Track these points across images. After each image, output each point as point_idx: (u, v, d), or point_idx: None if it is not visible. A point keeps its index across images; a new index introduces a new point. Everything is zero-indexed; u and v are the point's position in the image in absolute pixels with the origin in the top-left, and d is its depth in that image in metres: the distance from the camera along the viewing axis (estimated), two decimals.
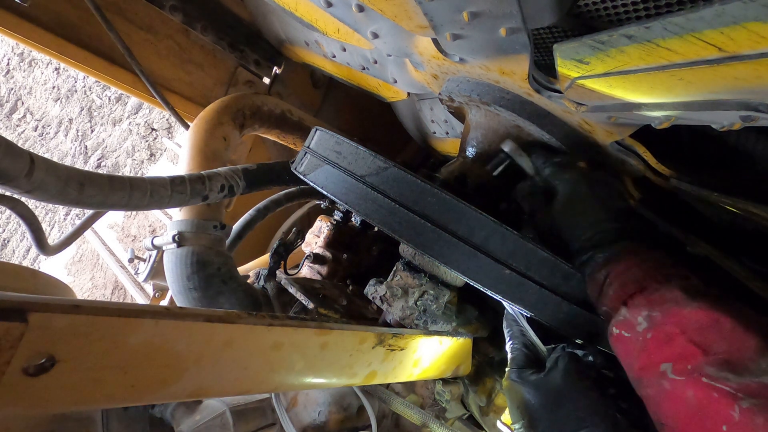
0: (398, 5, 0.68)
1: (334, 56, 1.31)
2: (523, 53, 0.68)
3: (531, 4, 0.59)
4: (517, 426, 0.69)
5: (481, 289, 0.70)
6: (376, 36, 0.87)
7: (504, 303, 0.76)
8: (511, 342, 0.80)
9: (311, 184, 0.80)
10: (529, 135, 0.89)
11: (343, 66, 1.34)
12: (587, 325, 0.72)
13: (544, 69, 0.76)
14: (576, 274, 0.72)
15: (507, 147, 0.89)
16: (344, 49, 1.23)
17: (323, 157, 0.80)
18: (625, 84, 0.60)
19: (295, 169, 0.86)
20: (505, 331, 0.82)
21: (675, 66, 0.51)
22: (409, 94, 1.24)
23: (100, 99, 6.78)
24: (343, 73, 1.41)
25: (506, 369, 0.77)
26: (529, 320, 0.80)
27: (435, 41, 0.77)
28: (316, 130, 0.86)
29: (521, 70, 0.73)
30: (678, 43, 0.47)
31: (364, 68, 1.25)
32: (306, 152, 0.85)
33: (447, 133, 1.51)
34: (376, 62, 1.16)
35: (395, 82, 1.19)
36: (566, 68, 0.62)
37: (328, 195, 0.77)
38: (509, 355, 0.78)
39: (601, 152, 0.93)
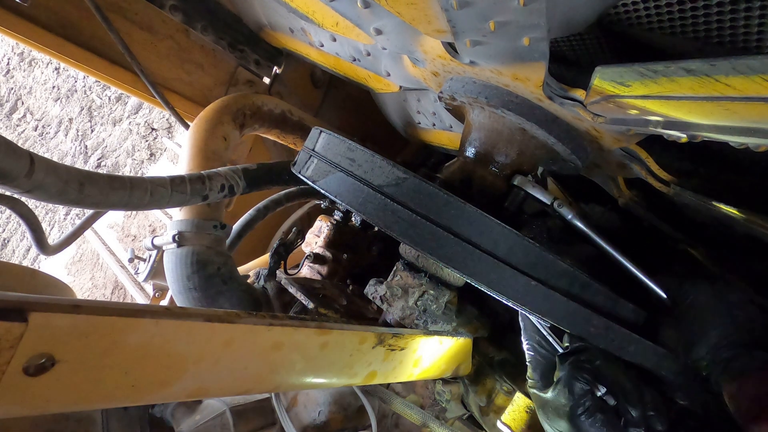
0: (420, 10, 0.68)
1: (322, 45, 1.29)
2: (540, 61, 0.68)
3: (558, 16, 0.59)
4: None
5: (505, 301, 0.70)
6: (379, 32, 0.87)
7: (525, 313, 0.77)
8: (528, 348, 0.82)
9: (323, 191, 0.78)
10: (533, 137, 0.89)
11: (331, 56, 1.33)
12: (611, 334, 0.73)
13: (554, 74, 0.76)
14: (593, 284, 0.73)
15: (518, 182, 0.91)
16: (334, 39, 1.22)
17: (335, 164, 0.78)
18: (661, 106, 0.60)
19: (300, 172, 0.85)
20: (523, 338, 0.83)
21: (727, 99, 0.51)
22: (400, 87, 1.24)
23: (100, 99, 6.77)
24: (329, 62, 1.39)
25: (527, 375, 0.82)
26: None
27: (448, 44, 0.77)
28: (320, 131, 0.85)
29: (536, 77, 0.73)
30: (741, 81, 0.48)
31: (354, 59, 1.24)
32: (311, 155, 0.84)
33: (433, 125, 1.51)
34: (369, 54, 1.15)
35: (388, 75, 1.19)
36: (601, 87, 0.62)
37: (343, 204, 0.75)
38: (527, 362, 0.82)
39: (604, 155, 0.93)
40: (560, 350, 0.76)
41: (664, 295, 0.81)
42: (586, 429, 0.65)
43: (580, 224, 0.86)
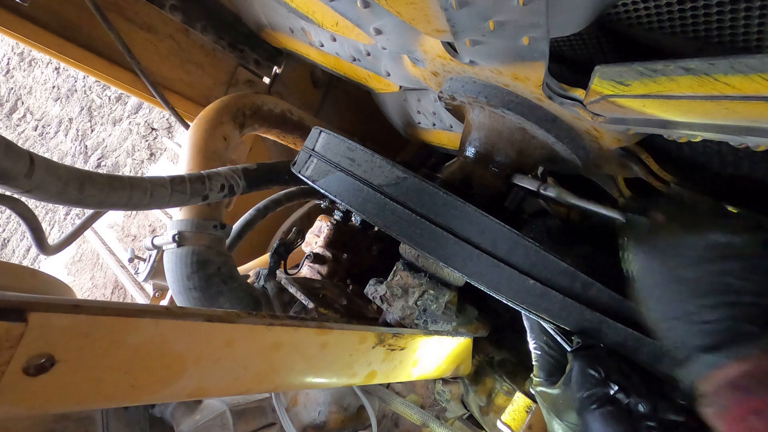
0: (419, 9, 0.68)
1: (322, 45, 1.29)
2: (540, 61, 0.68)
3: (558, 15, 0.59)
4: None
5: (504, 300, 0.71)
6: (379, 32, 0.87)
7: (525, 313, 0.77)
8: (535, 347, 0.82)
9: (323, 191, 0.78)
10: (533, 137, 0.89)
11: (331, 56, 1.33)
12: (612, 331, 0.73)
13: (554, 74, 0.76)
14: (594, 283, 0.72)
15: (519, 181, 0.90)
16: (334, 39, 1.22)
17: (334, 164, 0.78)
18: (661, 105, 0.60)
19: (300, 172, 0.85)
20: (530, 338, 0.83)
21: (726, 98, 0.51)
22: (400, 87, 1.24)
23: (100, 99, 6.77)
24: (329, 62, 1.39)
25: (532, 375, 0.80)
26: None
27: (448, 44, 0.77)
28: (320, 131, 0.85)
29: (536, 77, 0.73)
30: (740, 79, 0.48)
31: (354, 59, 1.24)
32: (311, 155, 0.84)
33: (434, 125, 1.51)
34: (369, 54, 1.15)
35: (388, 75, 1.19)
36: (601, 86, 0.62)
37: (343, 204, 0.75)
38: (534, 362, 0.81)
39: (604, 155, 0.93)
40: (569, 349, 0.76)
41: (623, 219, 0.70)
42: (597, 420, 0.64)
43: (571, 199, 0.83)
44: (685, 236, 0.58)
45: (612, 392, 0.66)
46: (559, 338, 0.79)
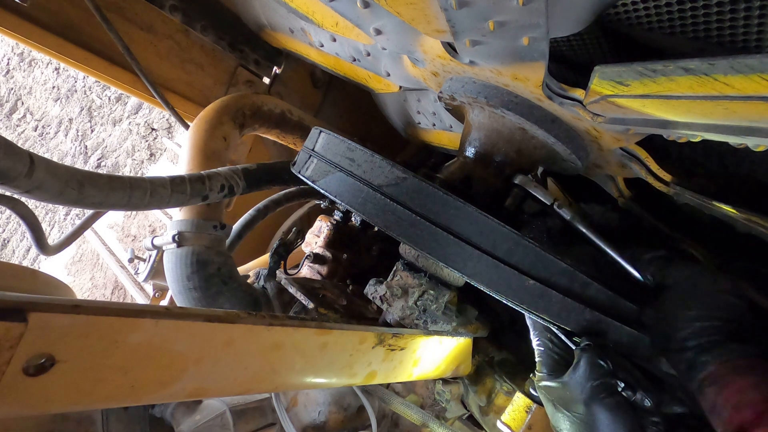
0: (419, 10, 0.68)
1: (322, 45, 1.29)
2: (540, 61, 0.68)
3: (558, 15, 0.59)
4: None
5: (504, 301, 0.71)
6: (379, 32, 0.87)
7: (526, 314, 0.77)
8: (538, 344, 0.82)
9: (323, 191, 0.78)
10: (533, 137, 0.89)
11: (331, 56, 1.33)
12: (610, 330, 0.74)
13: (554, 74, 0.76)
14: (593, 283, 0.73)
15: (519, 181, 0.90)
16: (334, 40, 1.22)
17: (334, 164, 0.78)
18: (660, 106, 0.60)
19: (300, 172, 0.85)
20: (533, 336, 0.83)
21: (726, 98, 0.51)
22: (400, 87, 1.23)
23: (100, 99, 6.78)
24: (329, 62, 1.39)
25: (535, 371, 0.80)
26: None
27: (448, 44, 0.77)
28: (320, 131, 0.85)
29: (536, 77, 0.73)
30: (740, 80, 0.48)
31: (354, 60, 1.24)
32: (311, 155, 0.84)
33: (434, 125, 1.51)
34: (368, 54, 1.15)
35: (388, 75, 1.19)
36: (600, 87, 0.62)
37: (343, 204, 0.75)
38: (537, 359, 0.81)
39: (604, 155, 0.93)
40: (573, 347, 0.77)
41: (641, 278, 0.78)
42: (605, 410, 0.64)
43: (579, 226, 0.86)
44: (709, 275, 0.74)
45: (619, 388, 0.67)
46: (563, 336, 0.79)
